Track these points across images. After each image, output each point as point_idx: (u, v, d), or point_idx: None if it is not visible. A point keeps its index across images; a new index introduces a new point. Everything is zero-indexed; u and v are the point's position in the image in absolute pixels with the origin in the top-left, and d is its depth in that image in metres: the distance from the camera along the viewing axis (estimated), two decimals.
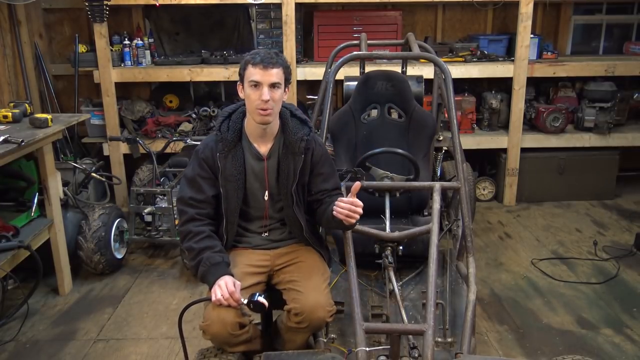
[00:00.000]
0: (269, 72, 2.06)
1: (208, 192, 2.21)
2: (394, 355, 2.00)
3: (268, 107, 2.08)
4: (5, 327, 3.13)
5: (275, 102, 2.10)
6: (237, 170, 2.20)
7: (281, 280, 2.25)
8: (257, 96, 2.07)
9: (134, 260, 3.97)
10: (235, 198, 2.22)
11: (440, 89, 3.65)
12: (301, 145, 2.20)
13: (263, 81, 2.06)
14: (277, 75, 2.08)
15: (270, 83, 2.07)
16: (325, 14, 4.92)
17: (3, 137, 2.83)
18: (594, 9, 5.35)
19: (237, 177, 2.20)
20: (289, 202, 2.24)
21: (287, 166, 2.21)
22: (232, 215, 2.24)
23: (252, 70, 2.08)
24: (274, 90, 2.08)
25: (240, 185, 2.21)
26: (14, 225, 3.13)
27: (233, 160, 2.20)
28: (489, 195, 5.05)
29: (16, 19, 4.48)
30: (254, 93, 2.08)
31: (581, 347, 2.91)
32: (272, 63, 2.06)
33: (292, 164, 2.20)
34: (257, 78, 2.06)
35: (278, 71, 2.08)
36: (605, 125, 4.80)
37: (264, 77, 2.06)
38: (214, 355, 2.12)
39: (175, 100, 5.03)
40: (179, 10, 4.92)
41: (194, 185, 2.22)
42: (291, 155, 2.21)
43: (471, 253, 2.54)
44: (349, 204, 2.05)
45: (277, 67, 2.08)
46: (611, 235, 4.29)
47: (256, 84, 2.07)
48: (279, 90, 2.10)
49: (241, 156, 2.21)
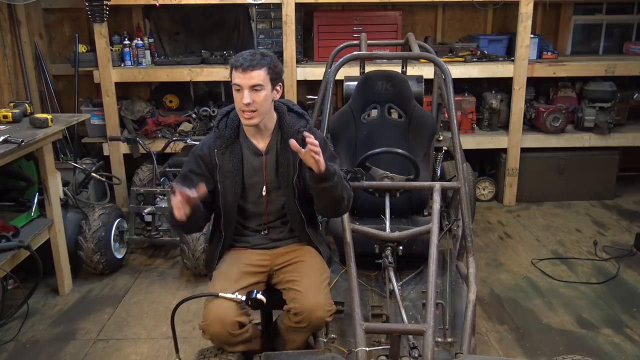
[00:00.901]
0: (249, 75, 2.07)
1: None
2: (394, 355, 2.00)
3: (250, 109, 2.10)
4: (5, 327, 3.13)
5: (258, 103, 2.11)
6: (234, 165, 2.22)
7: (281, 280, 2.25)
8: (239, 99, 2.11)
9: (134, 260, 3.97)
10: (233, 193, 2.23)
11: (440, 89, 3.66)
12: (298, 138, 2.20)
13: (243, 84, 2.09)
14: (258, 77, 2.08)
15: (250, 86, 2.08)
16: (325, 14, 4.91)
17: (3, 137, 2.84)
18: (594, 9, 5.34)
19: (235, 173, 2.22)
20: (290, 195, 2.24)
21: (286, 159, 2.23)
22: (230, 211, 2.25)
23: (234, 74, 2.11)
24: (255, 92, 2.09)
25: (238, 180, 2.23)
26: (14, 225, 3.13)
27: (231, 156, 2.23)
28: (489, 195, 5.05)
29: (16, 19, 4.48)
30: (237, 96, 2.12)
31: (581, 347, 2.91)
32: (252, 65, 2.07)
33: (291, 156, 2.22)
34: (237, 81, 2.10)
35: (259, 72, 2.08)
36: (605, 125, 4.79)
37: (243, 80, 2.08)
38: (214, 355, 2.12)
39: (175, 100, 5.03)
40: (179, 10, 4.92)
41: (185, 180, 2.24)
42: (289, 148, 2.21)
43: (471, 253, 2.54)
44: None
45: (259, 69, 2.08)
46: (611, 235, 4.29)
47: (238, 88, 2.10)
48: (262, 92, 2.10)
49: (239, 152, 2.24)
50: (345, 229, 2.38)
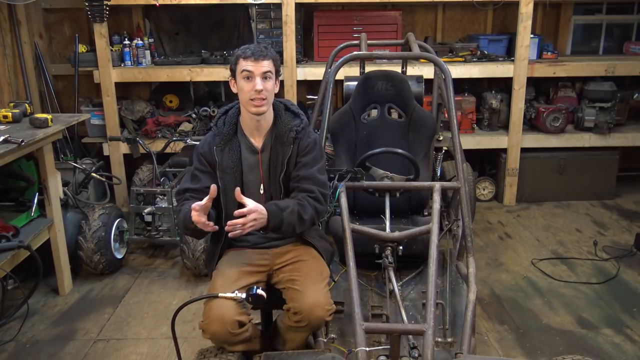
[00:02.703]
0: (261, 63, 2.15)
1: (205, 183, 2.25)
2: (394, 355, 2.00)
3: (262, 96, 2.15)
4: (5, 327, 3.13)
5: (268, 91, 2.18)
6: (233, 162, 2.26)
7: (280, 280, 2.26)
8: (250, 87, 2.15)
9: (134, 260, 3.97)
10: (233, 190, 2.22)
11: (440, 89, 3.66)
12: (290, 136, 2.26)
13: (255, 71, 2.15)
14: (268, 66, 2.17)
15: (262, 72, 2.15)
16: (325, 14, 4.92)
17: (3, 137, 2.84)
18: (594, 9, 5.35)
19: (234, 169, 2.26)
20: (277, 192, 2.27)
21: (276, 156, 2.27)
22: (231, 208, 2.25)
23: (243, 63, 2.17)
24: (266, 80, 2.17)
25: (237, 177, 2.27)
26: (14, 225, 3.13)
27: (229, 152, 2.27)
28: (489, 195, 5.05)
29: (16, 19, 4.48)
30: (247, 84, 2.16)
31: (581, 347, 2.91)
32: (262, 55, 2.16)
33: (281, 154, 2.26)
34: (249, 68, 2.15)
35: (269, 62, 2.18)
36: (605, 125, 4.80)
37: (256, 67, 2.15)
38: (214, 355, 2.12)
39: (175, 100, 5.03)
40: (179, 10, 4.92)
41: (192, 178, 2.32)
42: (280, 146, 2.27)
43: (471, 253, 2.54)
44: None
45: (268, 59, 2.17)
46: (611, 235, 4.29)
47: (249, 76, 2.15)
48: (270, 81, 2.19)
49: (237, 149, 2.28)
50: (345, 229, 2.38)
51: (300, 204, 2.19)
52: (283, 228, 2.16)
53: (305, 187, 2.25)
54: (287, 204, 2.17)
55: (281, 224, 2.14)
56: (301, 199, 2.21)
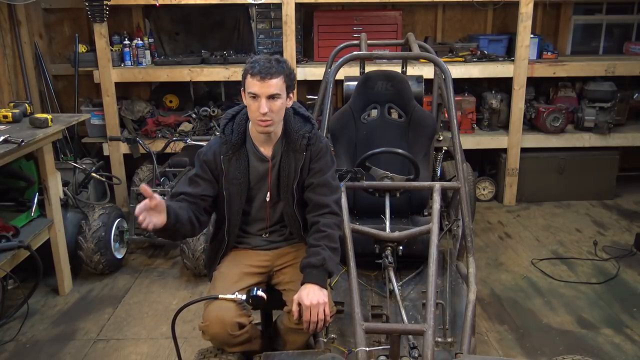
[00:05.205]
0: (267, 84, 2.02)
1: (204, 191, 2.18)
2: (394, 355, 2.00)
3: (266, 118, 2.06)
4: (5, 327, 3.13)
5: (274, 112, 2.07)
6: (241, 173, 2.19)
7: (281, 281, 2.25)
8: (255, 107, 2.06)
9: (134, 260, 3.97)
10: (238, 201, 2.21)
11: (440, 89, 3.65)
12: (303, 143, 2.18)
13: (261, 93, 2.03)
14: (275, 86, 2.03)
15: (268, 95, 2.03)
16: (325, 14, 4.91)
17: (3, 137, 2.84)
18: (594, 9, 5.34)
19: (241, 180, 2.19)
20: (289, 200, 2.23)
21: (288, 164, 2.20)
22: (235, 218, 2.24)
23: (250, 81, 2.04)
24: (272, 101, 2.05)
25: (244, 187, 2.20)
26: (14, 225, 3.13)
27: (237, 163, 2.19)
28: (489, 195, 5.05)
29: (16, 19, 4.48)
30: (253, 104, 2.07)
31: (581, 347, 2.91)
32: (270, 74, 2.02)
33: (294, 162, 2.20)
34: (255, 90, 2.03)
35: (277, 81, 2.04)
36: (605, 125, 4.80)
37: (261, 89, 2.02)
38: (214, 355, 2.12)
39: (175, 100, 5.03)
40: (179, 10, 4.92)
41: (191, 183, 2.21)
42: (292, 153, 2.20)
43: (471, 253, 2.53)
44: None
45: (276, 77, 2.03)
46: (611, 235, 4.29)
47: (254, 96, 2.05)
48: (278, 101, 2.06)
49: (245, 159, 2.20)
50: (345, 229, 2.38)
51: (324, 236, 2.10)
52: (333, 268, 2.10)
53: (320, 201, 2.17)
54: (317, 255, 2.06)
55: (330, 272, 2.08)
56: (322, 228, 2.12)
